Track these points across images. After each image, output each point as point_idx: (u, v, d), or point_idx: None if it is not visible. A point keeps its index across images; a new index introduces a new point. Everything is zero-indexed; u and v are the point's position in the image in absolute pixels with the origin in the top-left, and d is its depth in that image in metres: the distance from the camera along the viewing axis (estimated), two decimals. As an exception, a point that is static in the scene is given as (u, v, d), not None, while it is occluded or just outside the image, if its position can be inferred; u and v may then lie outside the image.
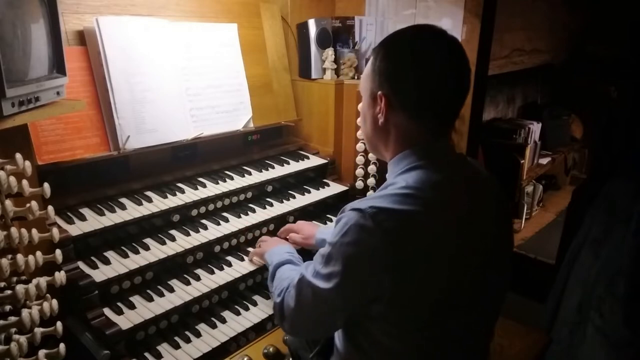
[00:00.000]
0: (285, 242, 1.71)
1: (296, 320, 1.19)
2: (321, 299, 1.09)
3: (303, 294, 1.13)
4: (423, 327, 1.06)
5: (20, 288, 1.05)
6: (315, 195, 2.05)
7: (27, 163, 1.12)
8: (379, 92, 1.12)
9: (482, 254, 1.11)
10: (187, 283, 1.56)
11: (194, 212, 1.75)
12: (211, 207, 1.78)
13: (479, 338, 1.21)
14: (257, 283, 1.76)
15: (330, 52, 2.23)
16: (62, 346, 1.14)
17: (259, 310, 1.64)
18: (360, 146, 2.15)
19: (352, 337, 1.16)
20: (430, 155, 1.11)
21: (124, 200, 1.65)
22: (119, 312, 1.41)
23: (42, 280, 1.13)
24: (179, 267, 1.62)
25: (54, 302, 1.14)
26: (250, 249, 1.76)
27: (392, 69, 1.10)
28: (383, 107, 1.12)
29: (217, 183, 1.84)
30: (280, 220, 1.89)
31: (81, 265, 1.43)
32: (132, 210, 1.60)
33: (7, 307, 1.10)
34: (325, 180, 2.17)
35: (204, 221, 1.74)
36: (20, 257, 1.07)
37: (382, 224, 0.99)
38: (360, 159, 2.18)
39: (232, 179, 1.89)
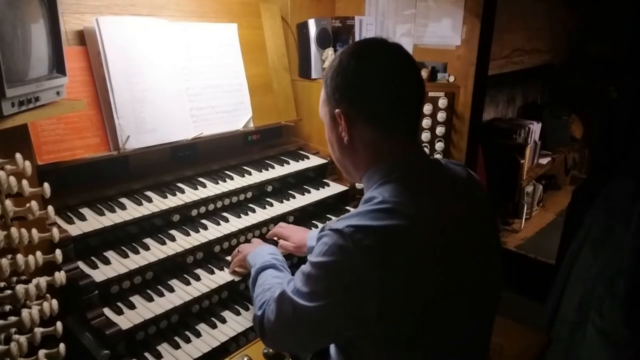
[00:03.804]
0: (267, 244, 1.66)
1: (278, 336, 1.16)
2: (302, 316, 1.06)
3: (284, 310, 1.10)
4: (415, 341, 1.04)
5: (20, 288, 1.05)
6: (315, 195, 2.05)
7: (27, 163, 1.12)
8: (337, 111, 1.11)
9: (471, 258, 1.10)
10: (187, 283, 1.56)
11: (194, 212, 1.75)
12: (211, 207, 1.78)
13: (475, 342, 1.19)
14: (257, 283, 1.75)
15: (330, 52, 2.23)
16: (62, 346, 1.14)
17: (259, 310, 1.64)
18: (360, 146, 2.15)
19: (344, 351, 1.14)
20: (402, 166, 1.09)
21: (124, 200, 1.65)
22: (119, 312, 1.41)
23: (42, 280, 1.13)
24: (179, 267, 1.62)
25: (54, 302, 1.14)
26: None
27: (344, 84, 1.10)
28: (344, 124, 1.11)
29: (217, 183, 1.84)
30: (280, 220, 1.88)
31: (81, 265, 1.43)
32: (132, 210, 1.60)
33: (7, 307, 1.10)
34: (325, 180, 2.17)
35: (204, 221, 1.74)
36: (20, 257, 1.07)
37: (360, 242, 0.97)
38: (360, 159, 2.18)
39: (232, 179, 1.89)
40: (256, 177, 1.94)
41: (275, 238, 1.79)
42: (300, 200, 1.98)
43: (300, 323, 1.08)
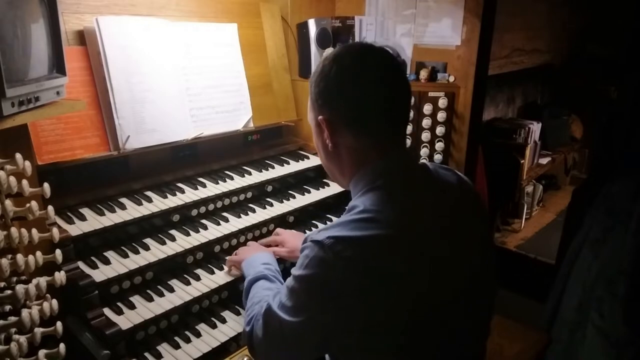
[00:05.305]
0: (264, 249, 1.65)
1: (265, 352, 1.16)
2: (288, 331, 1.06)
3: (270, 326, 1.10)
4: (406, 349, 1.04)
5: (20, 288, 1.05)
6: (315, 195, 2.05)
7: (27, 163, 1.12)
8: (320, 117, 1.11)
9: (462, 264, 1.09)
10: (187, 283, 1.56)
11: (194, 212, 1.75)
12: (211, 207, 1.78)
13: (469, 348, 1.18)
14: (257, 283, 1.75)
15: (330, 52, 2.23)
16: (62, 346, 1.14)
17: (259, 310, 1.64)
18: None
19: (334, 358, 1.14)
20: (386, 173, 1.09)
21: (124, 200, 1.65)
22: (119, 312, 1.41)
23: (42, 280, 1.13)
24: (179, 267, 1.62)
25: (54, 302, 1.14)
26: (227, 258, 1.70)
27: (326, 91, 1.10)
28: (327, 131, 1.11)
29: (217, 183, 1.84)
30: (280, 220, 1.89)
31: (81, 265, 1.43)
32: (132, 210, 1.60)
33: (7, 307, 1.10)
34: (325, 180, 2.17)
35: (204, 221, 1.74)
36: (20, 257, 1.07)
37: (341, 254, 0.97)
38: (360, 159, 2.18)
39: (232, 179, 1.89)
40: (256, 177, 1.94)
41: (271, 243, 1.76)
42: (300, 200, 1.98)
43: (287, 338, 1.08)
